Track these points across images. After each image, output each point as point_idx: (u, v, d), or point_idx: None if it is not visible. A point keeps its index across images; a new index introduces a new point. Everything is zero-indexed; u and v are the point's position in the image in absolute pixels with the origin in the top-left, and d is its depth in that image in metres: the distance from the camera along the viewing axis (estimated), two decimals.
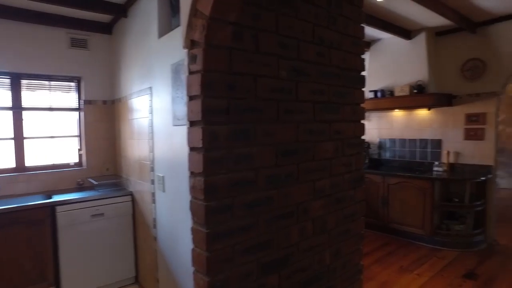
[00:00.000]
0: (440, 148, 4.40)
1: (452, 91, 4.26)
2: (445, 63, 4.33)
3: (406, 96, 4.17)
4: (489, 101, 3.99)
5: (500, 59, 3.92)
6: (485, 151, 4.03)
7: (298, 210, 1.47)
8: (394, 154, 4.89)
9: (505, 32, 3.87)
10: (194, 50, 1.16)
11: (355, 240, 1.85)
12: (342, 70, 1.69)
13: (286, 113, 1.40)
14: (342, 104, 1.70)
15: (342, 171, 1.71)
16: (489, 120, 3.99)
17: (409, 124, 4.68)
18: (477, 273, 3.32)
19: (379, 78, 4.60)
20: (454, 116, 4.25)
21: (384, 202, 4.39)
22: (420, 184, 4.03)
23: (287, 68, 1.40)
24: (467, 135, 4.14)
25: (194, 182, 1.19)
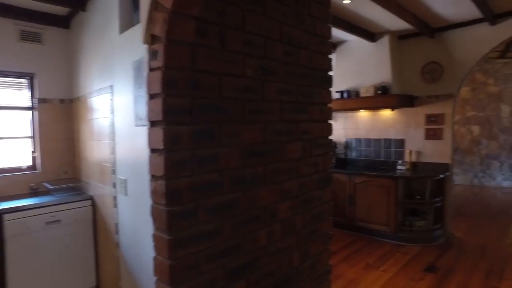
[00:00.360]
0: (403, 148, 4.55)
1: (413, 93, 4.42)
2: (407, 66, 4.49)
3: (371, 97, 4.28)
4: (447, 102, 4.18)
5: (455, 64, 4.12)
6: (443, 150, 4.22)
7: (265, 212, 1.44)
8: (360, 154, 5.01)
9: (458, 38, 4.08)
10: (155, 46, 1.08)
11: (323, 240, 1.84)
12: (309, 69, 1.68)
13: (252, 113, 1.36)
14: (310, 104, 1.69)
15: (309, 171, 1.70)
16: (447, 120, 4.18)
17: (374, 124, 4.81)
18: (437, 266, 3.46)
19: (346, 79, 4.69)
20: (416, 116, 4.42)
21: (351, 201, 4.47)
22: (385, 183, 4.15)
23: (254, 67, 1.36)
24: (428, 135, 4.32)
25: (155, 186, 1.11)
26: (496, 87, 7.40)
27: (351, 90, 4.54)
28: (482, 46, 3.95)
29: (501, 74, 7.39)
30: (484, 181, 7.55)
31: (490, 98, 7.43)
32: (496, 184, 7.48)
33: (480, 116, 7.49)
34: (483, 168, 7.54)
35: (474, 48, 4.00)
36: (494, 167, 7.48)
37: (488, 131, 7.47)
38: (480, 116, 7.49)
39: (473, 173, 7.61)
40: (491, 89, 7.43)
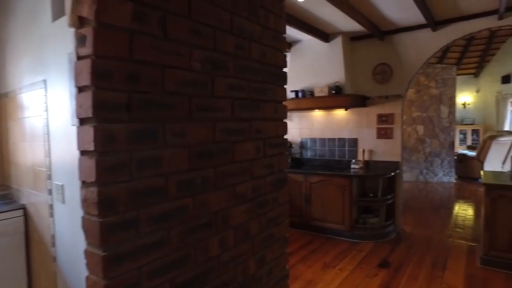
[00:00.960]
0: (356, 147, 4.66)
1: (365, 93, 4.54)
2: (359, 66, 4.61)
3: (325, 97, 4.33)
4: (396, 103, 4.34)
5: (402, 66, 4.30)
6: (393, 149, 4.38)
7: (217, 218, 1.32)
8: (315, 153, 5.06)
9: (405, 42, 4.27)
10: (83, 30, 0.93)
11: (280, 244, 1.77)
12: (263, 65, 1.59)
13: (200, 110, 1.24)
14: (263, 101, 1.60)
15: (264, 173, 1.61)
16: (396, 120, 4.35)
17: (329, 124, 4.88)
18: (389, 261, 3.56)
19: (300, 78, 4.71)
20: (368, 116, 4.54)
21: (307, 200, 4.49)
22: (340, 182, 4.21)
23: (202, 59, 1.24)
24: (379, 134, 4.46)
25: (86, 194, 0.95)
26: (437, 89, 7.92)
27: (306, 90, 4.57)
28: (426, 50, 4.16)
29: (441, 78, 7.92)
30: (428, 177, 8.03)
31: (432, 100, 7.93)
32: (438, 180, 7.99)
33: (424, 116, 7.97)
34: (427, 165, 8.02)
35: (418, 52, 4.20)
36: (436, 164, 7.99)
37: (431, 130, 7.96)
38: (424, 116, 7.97)
39: (419, 170, 8.07)
40: (432, 92, 7.93)
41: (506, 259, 3.28)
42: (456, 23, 3.96)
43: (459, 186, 7.55)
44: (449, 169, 7.98)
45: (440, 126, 7.93)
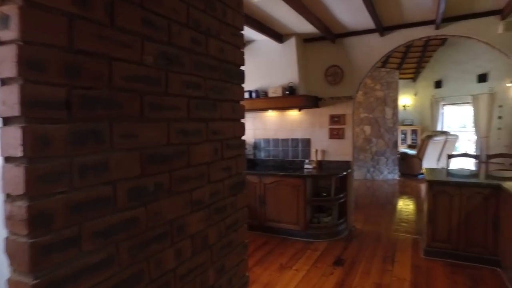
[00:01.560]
0: (309, 147, 4.73)
1: (318, 94, 4.63)
2: (312, 68, 4.68)
3: (279, 97, 4.33)
4: (347, 104, 4.48)
5: (353, 68, 4.44)
6: (345, 149, 4.51)
7: (172, 228, 1.20)
8: (269, 154, 5.05)
9: (355, 45, 4.42)
10: (4, 8, 0.76)
11: (239, 251, 1.68)
12: (220, 62, 1.50)
13: (153, 109, 1.11)
14: (221, 100, 1.51)
15: (222, 176, 1.52)
16: (348, 121, 4.48)
17: (282, 124, 4.90)
18: (343, 259, 3.64)
19: (254, 78, 4.66)
20: (320, 117, 4.63)
21: (261, 201, 4.46)
22: (294, 182, 4.23)
23: (155, 53, 1.12)
24: (331, 134, 4.56)
25: (11, 209, 0.79)
26: (382, 92, 8.37)
27: (260, 90, 4.54)
28: (374, 53, 4.34)
29: (385, 81, 8.38)
30: (375, 175, 8.46)
31: (377, 102, 8.36)
32: (383, 177, 8.44)
33: (371, 117, 8.37)
34: (373, 164, 8.44)
35: (367, 55, 4.36)
36: (381, 162, 8.44)
37: (377, 130, 8.38)
38: (371, 117, 8.37)
39: (366, 168, 8.46)
40: (378, 94, 8.36)
41: (445, 249, 3.52)
42: (400, 29, 4.18)
43: (402, 183, 8.04)
44: (393, 167, 8.47)
45: (385, 126, 8.38)
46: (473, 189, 3.36)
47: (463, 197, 3.39)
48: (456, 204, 3.42)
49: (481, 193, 3.33)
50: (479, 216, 3.36)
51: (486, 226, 3.34)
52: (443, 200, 3.47)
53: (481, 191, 3.33)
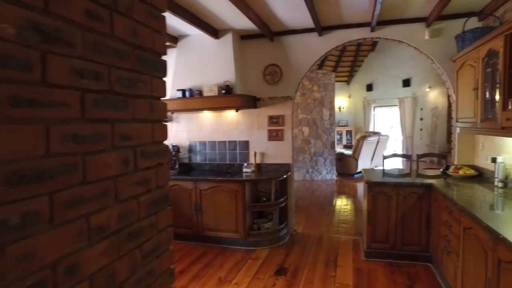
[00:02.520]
0: (248, 149, 4.51)
1: (256, 94, 4.43)
2: (250, 66, 4.48)
3: (215, 97, 4.04)
4: (286, 104, 4.35)
5: (292, 67, 4.33)
6: (284, 151, 4.37)
7: (56, 273, 0.86)
8: (205, 157, 4.74)
9: (294, 44, 4.31)
10: None
11: (163, 281, 1.37)
12: (133, 47, 1.17)
13: (18, 104, 0.77)
14: (133, 96, 1.19)
15: (136, 192, 1.19)
16: (287, 122, 4.35)
17: (219, 126, 4.62)
18: (286, 267, 3.48)
19: (188, 76, 4.32)
20: (259, 117, 4.44)
21: (197, 209, 4.13)
22: (232, 187, 3.98)
23: (19, 22, 0.77)
24: (270, 136, 4.40)
25: None
26: (319, 93, 8.52)
27: (194, 89, 4.20)
28: (313, 53, 4.27)
29: (322, 83, 8.55)
30: (314, 175, 8.57)
31: (315, 103, 8.49)
32: (322, 178, 8.60)
33: (309, 118, 8.47)
34: (312, 164, 8.55)
35: (306, 55, 4.28)
36: (320, 163, 8.58)
37: (315, 131, 8.51)
38: (309, 118, 8.47)
39: (305, 169, 8.54)
40: (315, 95, 8.49)
41: (384, 249, 3.54)
42: (338, 30, 4.16)
43: (339, 182, 8.25)
44: (331, 167, 8.67)
45: (323, 127, 8.54)
46: (409, 189, 3.41)
47: (400, 197, 3.43)
48: (394, 204, 3.45)
49: (415, 193, 3.39)
50: (414, 215, 3.42)
51: (420, 224, 3.42)
52: (382, 200, 3.49)
53: (416, 190, 3.39)
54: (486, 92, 2.86)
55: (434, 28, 3.88)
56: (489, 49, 2.74)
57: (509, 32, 2.43)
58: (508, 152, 3.13)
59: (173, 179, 4.21)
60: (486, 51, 2.78)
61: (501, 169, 3.12)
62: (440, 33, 3.87)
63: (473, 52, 3.04)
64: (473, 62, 3.05)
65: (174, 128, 4.85)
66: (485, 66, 2.85)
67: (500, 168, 3.13)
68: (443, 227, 2.95)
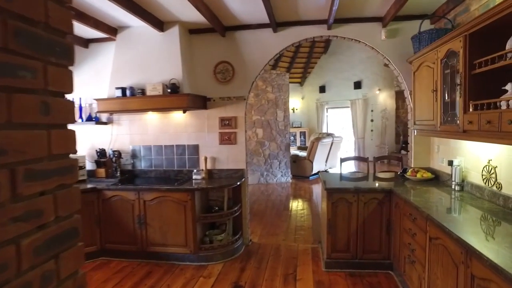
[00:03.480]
0: (198, 154, 4.12)
1: (206, 93, 4.07)
2: (200, 63, 4.10)
3: (159, 96, 3.60)
4: (239, 105, 4.03)
5: (245, 65, 4.02)
6: (238, 155, 4.05)
7: None
8: (151, 164, 4.27)
9: (247, 40, 4.01)
10: None
11: None
12: (9, 16, 0.78)
13: None
14: (11, 90, 0.79)
15: (14, 233, 0.79)
16: (240, 124, 4.04)
17: (165, 129, 4.19)
18: (241, 285, 3.16)
19: (129, 73, 3.83)
20: (209, 119, 4.08)
21: (141, 222, 3.66)
22: (180, 197, 3.57)
23: None
24: (222, 139, 4.05)
25: None
26: (273, 94, 8.33)
27: (136, 87, 3.73)
28: (267, 51, 4.00)
29: (276, 83, 8.37)
30: (269, 178, 8.35)
31: (269, 104, 8.28)
32: (277, 181, 8.41)
33: (263, 120, 8.24)
34: (267, 167, 8.33)
35: (261, 52, 4.00)
36: (275, 165, 8.39)
37: (269, 133, 8.30)
38: (263, 120, 8.24)
39: (260, 172, 8.29)
40: (269, 96, 8.29)
41: (345, 258, 3.36)
42: (294, 27, 3.93)
43: (295, 185, 8.10)
44: (286, 169, 8.51)
45: (277, 129, 8.36)
46: (370, 194, 3.26)
47: (360, 204, 3.26)
48: (355, 211, 3.27)
49: (376, 198, 3.25)
50: (374, 221, 3.27)
51: (380, 231, 3.27)
52: (342, 207, 3.29)
53: (377, 196, 3.24)
54: (445, 94, 2.77)
55: (390, 28, 3.79)
56: (448, 49, 2.65)
57: (468, 32, 2.33)
58: (463, 155, 3.08)
59: (113, 188, 3.69)
60: (445, 52, 2.69)
61: (458, 173, 3.07)
62: (396, 33, 3.79)
63: (431, 53, 2.94)
64: (431, 63, 2.96)
65: (115, 131, 4.32)
66: (444, 67, 2.76)
67: (457, 171, 3.07)
68: (406, 235, 2.81)
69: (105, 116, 4.31)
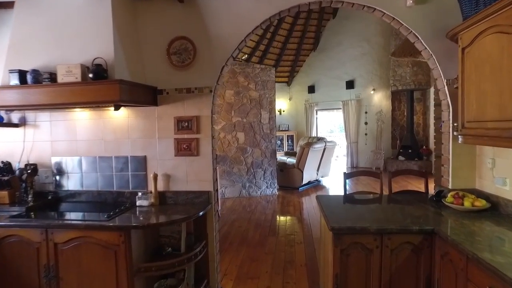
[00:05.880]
0: (145, 170, 2.89)
1: (156, 83, 2.84)
2: (146, 40, 2.87)
3: (76, 84, 2.34)
4: (203, 100, 2.83)
5: (211, 43, 2.82)
6: (201, 172, 2.84)
7: None
8: (81, 182, 3.01)
9: (214, 8, 2.81)
10: None
11: None
12: None
13: None
14: None
15: None
16: (205, 127, 2.82)
17: (101, 134, 2.94)
18: None
19: (31, 50, 2.57)
20: (162, 120, 2.86)
21: (50, 276, 2.39)
22: (108, 239, 2.32)
23: None
24: (179, 148, 2.83)
25: None
26: (257, 92, 7.15)
27: (42, 71, 2.46)
28: (244, 22, 2.80)
29: (260, 80, 7.19)
30: (252, 191, 7.14)
31: (252, 103, 7.09)
32: (262, 193, 7.21)
33: (244, 122, 7.04)
34: (249, 178, 7.12)
35: (234, 25, 2.80)
36: (259, 175, 7.19)
37: (252, 138, 7.10)
38: (244, 122, 7.04)
39: (241, 184, 7.07)
40: (252, 94, 7.10)
41: None
42: None
43: (282, 199, 6.91)
44: (271, 180, 7.32)
45: (261, 133, 7.18)
46: (400, 237, 2.08)
47: (385, 251, 2.08)
48: (376, 263, 2.10)
49: (410, 243, 2.08)
50: (407, 279, 2.10)
51: None
52: (357, 257, 2.12)
53: (411, 239, 2.08)
54: None
55: None
56: None
57: None
58: None
59: (7, 225, 2.41)
60: None
61: None
62: None
63: (509, 9, 1.79)
64: (508, 25, 1.81)
65: (31, 137, 3.05)
66: None
67: None
68: None
69: (17, 116, 3.04)
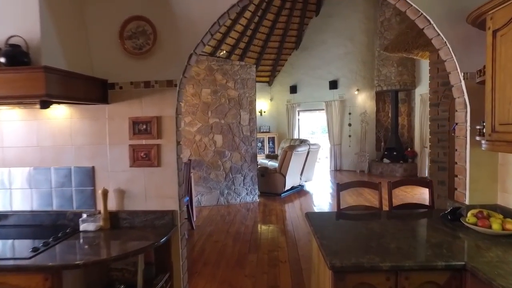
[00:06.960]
0: (92, 185, 2.29)
1: (106, 74, 2.25)
2: (93, 19, 2.28)
3: None
4: (165, 96, 2.27)
5: (175, 26, 2.26)
6: (164, 186, 2.27)
7: None
8: (9, 201, 2.38)
9: None
10: None
11: None
12: None
13: None
14: None
15: None
16: (168, 130, 2.26)
17: (35, 139, 2.32)
18: None
19: None
20: (113, 122, 2.27)
21: None
22: (29, 285, 1.71)
23: None
24: (136, 157, 2.25)
25: None
26: (236, 91, 6.60)
27: None
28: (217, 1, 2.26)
29: (240, 78, 6.66)
30: (231, 198, 6.58)
31: (231, 103, 6.54)
32: (241, 201, 6.66)
33: (222, 123, 6.48)
34: (228, 184, 6.55)
35: (207, 2, 2.26)
36: (238, 181, 6.64)
37: (230, 141, 6.55)
38: (222, 123, 6.48)
39: (219, 191, 6.50)
40: (231, 93, 6.55)
41: None
42: None
43: (264, 207, 6.37)
44: (252, 186, 6.79)
45: (241, 135, 6.63)
46: (419, 275, 1.59)
47: None
48: None
49: (434, 283, 1.59)
50: None
51: None
52: None
53: (434, 278, 1.59)
54: None
55: None
56: None
57: None
58: None
59: None
60: None
61: None
62: None
63: None
64: None
65: None
66: None
67: None
68: None
69: None
